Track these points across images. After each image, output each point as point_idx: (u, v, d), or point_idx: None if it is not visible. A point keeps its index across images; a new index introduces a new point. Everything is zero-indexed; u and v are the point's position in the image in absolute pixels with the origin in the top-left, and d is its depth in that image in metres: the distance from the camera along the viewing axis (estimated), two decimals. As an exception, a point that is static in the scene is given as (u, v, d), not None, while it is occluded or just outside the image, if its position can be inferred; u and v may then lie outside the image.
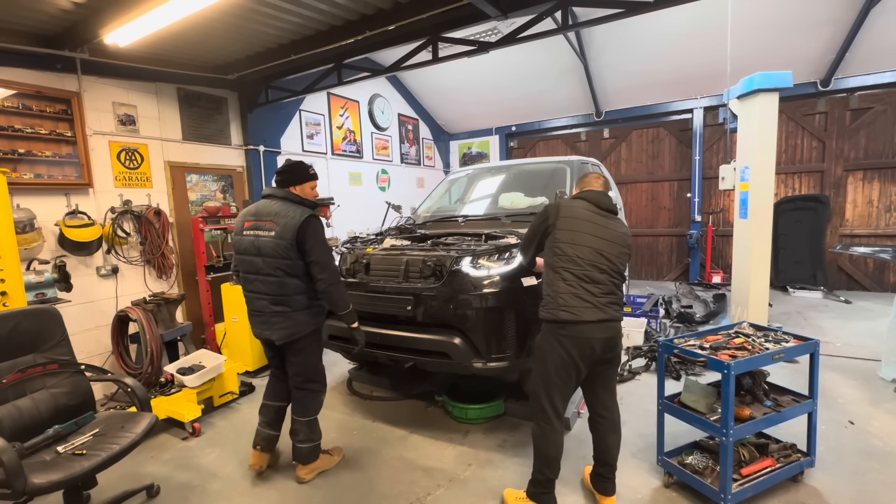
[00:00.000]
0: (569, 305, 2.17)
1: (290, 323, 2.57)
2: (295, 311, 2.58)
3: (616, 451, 2.38)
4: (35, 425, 2.23)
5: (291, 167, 2.67)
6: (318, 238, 2.51)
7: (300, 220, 2.45)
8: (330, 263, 2.55)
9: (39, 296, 3.46)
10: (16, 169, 3.73)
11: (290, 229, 2.45)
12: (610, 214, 2.35)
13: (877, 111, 6.54)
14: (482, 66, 7.37)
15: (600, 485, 2.41)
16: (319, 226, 2.54)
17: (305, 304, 2.60)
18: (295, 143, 6.42)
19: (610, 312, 2.21)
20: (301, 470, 2.76)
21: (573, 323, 2.16)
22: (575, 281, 2.19)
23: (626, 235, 2.33)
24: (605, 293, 2.21)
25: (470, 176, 4.99)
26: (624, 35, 6.60)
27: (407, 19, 3.89)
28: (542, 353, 2.28)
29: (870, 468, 2.60)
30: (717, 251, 7.75)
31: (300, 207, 2.53)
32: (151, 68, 4.53)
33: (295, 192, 2.62)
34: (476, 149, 9.86)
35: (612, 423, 2.37)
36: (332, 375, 4.43)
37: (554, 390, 2.25)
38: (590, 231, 2.25)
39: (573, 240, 2.23)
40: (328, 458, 2.88)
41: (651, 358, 4.22)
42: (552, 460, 2.28)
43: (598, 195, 2.37)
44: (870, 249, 4.73)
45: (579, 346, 2.18)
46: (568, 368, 2.21)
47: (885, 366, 3.73)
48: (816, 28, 6.00)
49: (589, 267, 2.20)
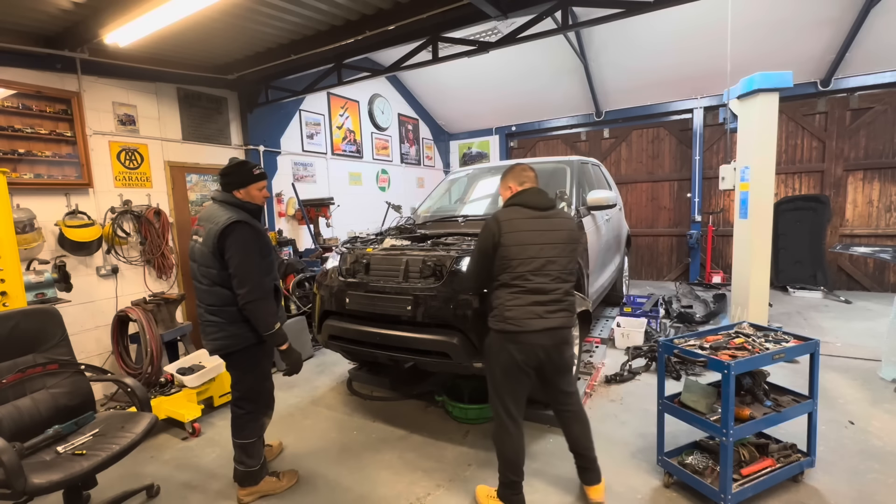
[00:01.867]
0: (516, 318, 2.19)
1: (224, 334, 2.37)
2: (229, 323, 2.36)
3: (586, 441, 2.39)
4: (35, 425, 2.23)
5: (233, 169, 2.45)
6: (241, 246, 2.26)
7: (222, 225, 2.23)
8: (249, 276, 2.28)
9: (39, 296, 3.46)
10: (16, 169, 3.73)
11: (212, 236, 2.25)
12: (550, 212, 2.30)
13: (877, 111, 6.53)
14: (482, 66, 7.37)
15: (584, 475, 2.44)
16: (246, 233, 2.28)
17: (240, 316, 2.35)
18: (295, 143, 6.42)
19: (556, 321, 2.22)
20: (239, 492, 2.58)
21: (519, 332, 2.19)
22: (525, 295, 2.20)
23: (571, 230, 2.30)
24: (553, 301, 2.22)
25: (470, 176, 4.98)
26: (624, 35, 6.60)
27: (407, 19, 3.89)
28: (491, 358, 2.31)
29: (870, 468, 2.60)
30: (717, 251, 7.74)
31: (229, 212, 2.31)
32: (151, 68, 4.54)
33: (237, 196, 2.42)
34: (476, 149, 9.86)
35: (574, 414, 2.39)
36: (332, 375, 4.44)
37: (505, 393, 2.28)
38: (535, 240, 2.21)
39: (520, 254, 2.19)
40: (274, 483, 2.63)
41: (651, 358, 4.21)
42: (512, 462, 2.30)
43: (533, 196, 2.31)
44: (870, 249, 4.72)
45: (525, 353, 2.20)
46: (516, 372, 2.24)
47: (886, 366, 3.73)
48: (816, 28, 5.99)
49: (539, 279, 2.20)
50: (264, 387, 2.60)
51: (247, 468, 2.54)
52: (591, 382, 3.84)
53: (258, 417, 2.56)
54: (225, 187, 2.45)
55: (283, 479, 2.69)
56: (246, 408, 2.52)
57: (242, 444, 2.52)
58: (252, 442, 2.52)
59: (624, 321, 4.87)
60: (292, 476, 2.75)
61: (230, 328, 2.38)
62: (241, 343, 2.40)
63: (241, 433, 2.52)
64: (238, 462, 2.55)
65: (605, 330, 5.08)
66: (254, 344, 2.43)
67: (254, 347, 2.45)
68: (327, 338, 3.47)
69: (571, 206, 3.88)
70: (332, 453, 3.07)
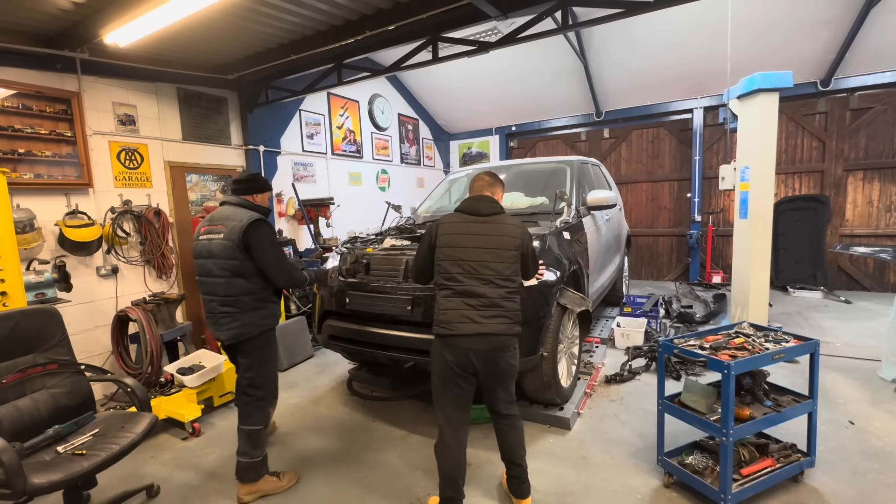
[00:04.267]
0: (448, 322, 2.20)
1: (238, 323, 2.56)
2: (243, 312, 2.56)
3: (519, 450, 2.36)
4: (35, 425, 2.23)
5: (252, 177, 2.80)
6: (268, 240, 2.57)
7: (247, 221, 2.52)
8: (282, 262, 2.62)
9: (39, 296, 3.46)
10: (16, 169, 3.73)
11: (238, 230, 2.51)
12: (492, 218, 2.31)
13: (877, 111, 6.53)
14: (482, 66, 7.37)
15: (514, 487, 2.40)
16: (268, 229, 2.59)
17: (253, 305, 2.59)
18: (295, 143, 6.42)
19: (490, 326, 2.18)
20: (240, 489, 2.61)
21: (451, 336, 2.19)
22: (456, 297, 2.21)
23: (512, 236, 2.27)
24: (487, 306, 2.19)
25: (470, 176, 4.98)
26: (624, 35, 6.60)
27: (407, 19, 3.89)
28: (433, 363, 2.31)
29: (870, 468, 2.60)
30: (717, 251, 7.75)
31: (249, 211, 2.60)
32: (151, 68, 4.54)
33: (248, 200, 2.71)
34: (476, 149, 9.86)
35: (510, 424, 2.35)
36: (332, 375, 4.44)
37: (443, 398, 2.27)
38: (469, 244, 2.24)
39: (451, 255, 2.24)
40: (274, 483, 2.67)
41: (651, 358, 4.22)
42: (449, 476, 2.24)
43: (473, 203, 2.36)
44: (870, 249, 4.72)
45: (457, 357, 2.18)
46: (452, 377, 2.22)
47: (886, 366, 3.73)
48: (816, 28, 5.99)
49: (470, 281, 2.20)
50: (273, 373, 2.75)
51: (250, 459, 2.60)
52: (591, 382, 3.84)
53: (266, 405, 2.70)
54: (241, 192, 2.73)
55: (283, 479, 2.71)
56: (255, 394, 2.64)
57: (248, 432, 2.61)
58: (258, 430, 2.62)
59: (624, 321, 4.87)
60: (293, 476, 2.77)
61: (244, 317, 2.56)
62: (254, 331, 2.59)
63: (249, 420, 2.62)
64: (241, 454, 2.61)
65: (605, 330, 5.08)
66: (264, 331, 2.63)
67: (265, 335, 2.64)
68: (327, 338, 3.49)
69: (571, 206, 3.89)
70: (332, 453, 3.07)
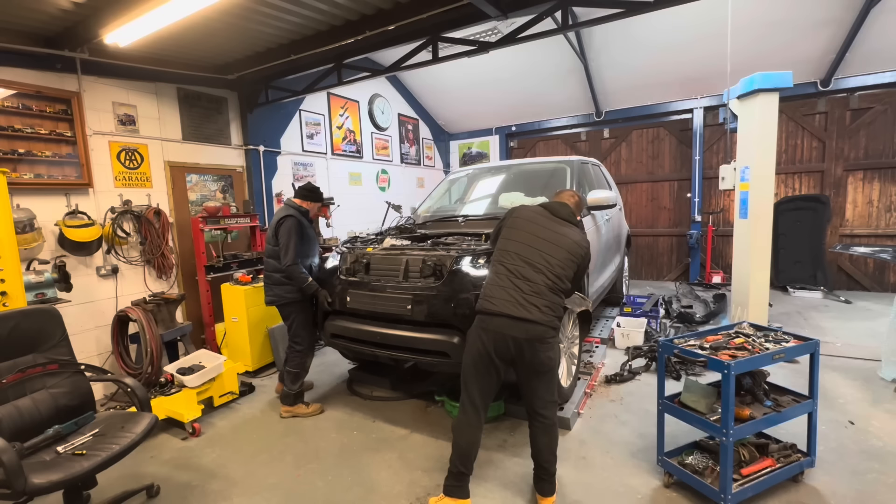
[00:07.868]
0: (492, 296, 2.24)
1: (272, 293, 3.51)
2: (274, 285, 3.48)
3: (548, 454, 2.36)
4: (35, 425, 2.23)
5: (312, 187, 3.62)
6: (287, 231, 3.33)
7: (278, 217, 3.41)
8: (288, 249, 3.30)
9: (39, 296, 3.46)
10: (16, 169, 3.73)
11: (273, 223, 3.42)
12: (565, 222, 2.41)
13: (877, 111, 6.53)
14: (482, 66, 7.36)
15: (538, 485, 2.43)
16: (292, 223, 3.35)
17: (279, 280, 3.45)
18: (295, 143, 6.42)
19: (533, 313, 2.19)
20: (281, 409, 3.60)
21: (492, 315, 2.21)
22: (505, 274, 2.27)
23: (576, 244, 2.34)
24: (534, 293, 2.21)
25: (470, 176, 4.99)
26: (624, 35, 6.60)
27: (407, 19, 3.89)
28: (468, 344, 2.36)
29: (870, 468, 2.60)
30: (717, 251, 7.74)
31: (287, 210, 3.43)
32: (151, 68, 4.53)
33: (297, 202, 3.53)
34: (476, 149, 9.86)
35: (545, 427, 2.35)
36: (332, 375, 4.44)
37: (472, 382, 2.31)
38: (532, 231, 2.35)
39: (511, 236, 2.36)
40: (303, 409, 3.58)
41: (651, 358, 4.21)
42: (464, 453, 2.32)
43: (555, 204, 2.50)
44: (870, 249, 4.72)
45: (495, 341, 2.21)
46: (485, 362, 2.26)
47: (886, 366, 3.73)
48: (816, 28, 5.99)
49: (522, 263, 2.26)
50: (309, 333, 3.58)
51: (288, 390, 3.54)
52: (591, 382, 3.84)
53: (304, 355, 3.56)
54: (295, 195, 3.59)
55: (310, 408, 3.60)
56: (298, 345, 3.53)
57: (289, 371, 3.52)
58: (296, 372, 3.53)
59: (624, 321, 4.87)
60: (318, 408, 3.63)
61: (275, 289, 3.50)
62: (283, 300, 3.48)
63: (291, 363, 3.53)
64: (284, 384, 3.57)
65: (605, 330, 5.08)
66: (291, 302, 3.47)
67: (292, 304, 3.49)
68: (329, 336, 3.50)
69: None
70: (332, 453, 3.07)
